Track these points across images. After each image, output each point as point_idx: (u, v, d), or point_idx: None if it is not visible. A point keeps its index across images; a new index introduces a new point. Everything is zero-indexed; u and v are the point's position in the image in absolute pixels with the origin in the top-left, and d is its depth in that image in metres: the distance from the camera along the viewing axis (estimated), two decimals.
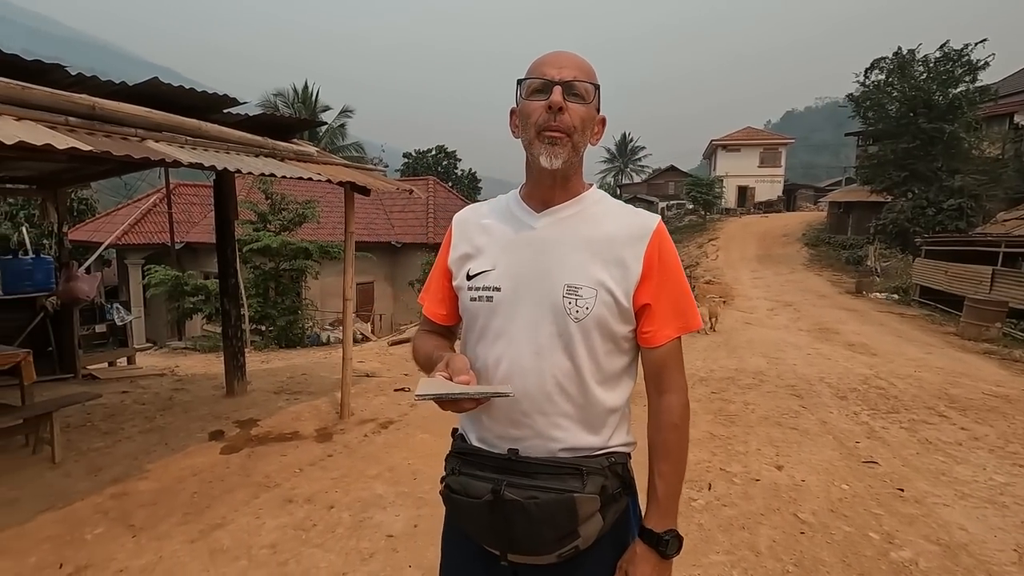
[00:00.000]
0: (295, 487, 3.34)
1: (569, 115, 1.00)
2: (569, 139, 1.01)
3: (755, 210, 35.17)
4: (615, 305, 1.02)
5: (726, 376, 6.08)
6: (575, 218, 1.08)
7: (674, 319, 1.05)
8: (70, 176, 5.69)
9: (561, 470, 1.00)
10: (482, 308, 1.07)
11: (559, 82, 1.00)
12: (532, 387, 1.02)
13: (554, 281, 1.03)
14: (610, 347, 1.04)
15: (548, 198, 1.08)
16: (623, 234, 1.05)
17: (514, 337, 1.04)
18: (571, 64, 1.02)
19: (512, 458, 1.02)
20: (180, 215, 15.39)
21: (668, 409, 1.06)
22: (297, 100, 27.36)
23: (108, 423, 4.44)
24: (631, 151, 55.72)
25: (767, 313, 11.62)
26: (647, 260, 1.03)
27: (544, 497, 0.96)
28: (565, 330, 1.01)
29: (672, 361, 1.07)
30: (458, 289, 1.14)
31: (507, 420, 1.04)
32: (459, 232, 1.18)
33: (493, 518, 0.99)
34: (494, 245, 1.10)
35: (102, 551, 2.64)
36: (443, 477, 1.11)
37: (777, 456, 3.82)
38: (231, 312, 5.21)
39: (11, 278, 5.93)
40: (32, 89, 2.44)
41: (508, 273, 1.06)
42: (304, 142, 4.65)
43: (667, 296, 1.04)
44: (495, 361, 1.05)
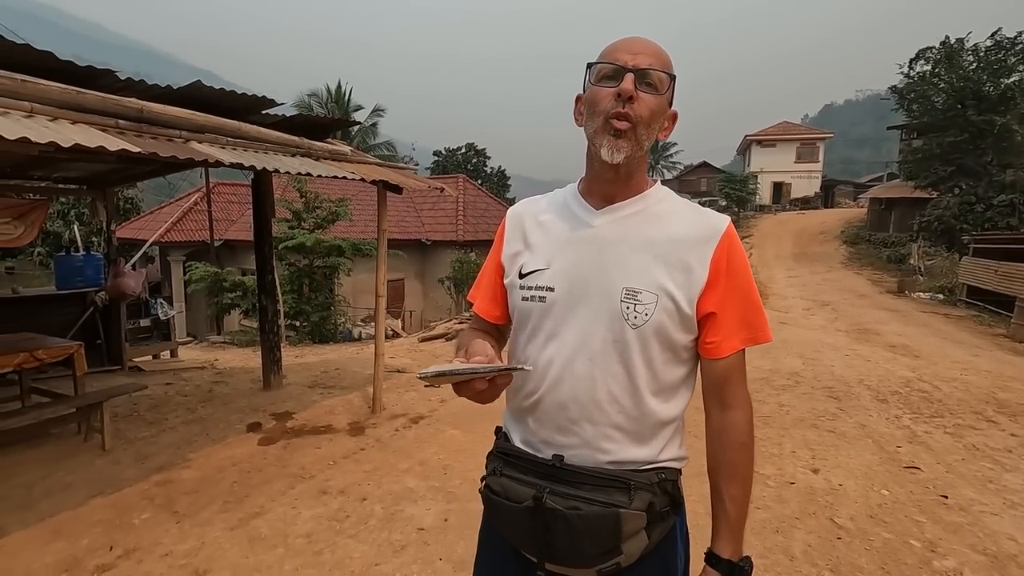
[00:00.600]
0: (329, 479, 3.42)
1: (640, 105, 0.93)
2: (634, 132, 0.94)
3: (791, 207, 34.27)
4: (677, 312, 0.96)
5: (760, 377, 5.95)
6: (637, 217, 1.01)
7: (741, 330, 0.98)
8: (118, 176, 5.93)
9: (607, 483, 0.95)
10: (534, 308, 1.03)
11: (632, 69, 0.93)
12: (582, 394, 0.98)
13: (612, 284, 0.97)
14: (669, 356, 0.98)
15: (609, 194, 1.03)
16: (689, 236, 0.98)
17: (566, 340, 0.99)
18: (647, 50, 0.95)
19: (557, 465, 0.98)
20: (219, 213, 15.87)
21: (735, 426, 1.00)
22: (330, 100, 27.85)
23: (153, 413, 4.63)
24: (662, 147, 54.89)
25: (803, 313, 11.32)
26: (714, 265, 0.97)
27: (588, 509, 0.92)
28: (621, 337, 0.96)
29: (736, 375, 1.01)
30: (509, 287, 1.09)
31: (554, 425, 1.00)
32: (512, 227, 1.13)
33: (533, 525, 0.95)
34: (549, 242, 1.05)
35: (149, 535, 2.76)
36: (483, 476, 1.08)
37: (813, 459, 3.73)
38: (268, 308, 5.36)
39: (64, 274, 6.24)
40: (85, 94, 2.55)
41: (563, 273, 1.01)
42: (338, 142, 4.75)
43: (734, 305, 0.98)
44: (545, 364, 1.01)
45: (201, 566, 2.51)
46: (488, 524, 1.13)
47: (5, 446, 3.72)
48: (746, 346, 1.00)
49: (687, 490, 1.07)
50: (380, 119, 29.31)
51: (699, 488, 1.19)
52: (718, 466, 1.02)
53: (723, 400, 1.01)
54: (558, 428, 1.00)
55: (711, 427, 1.03)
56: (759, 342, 1.01)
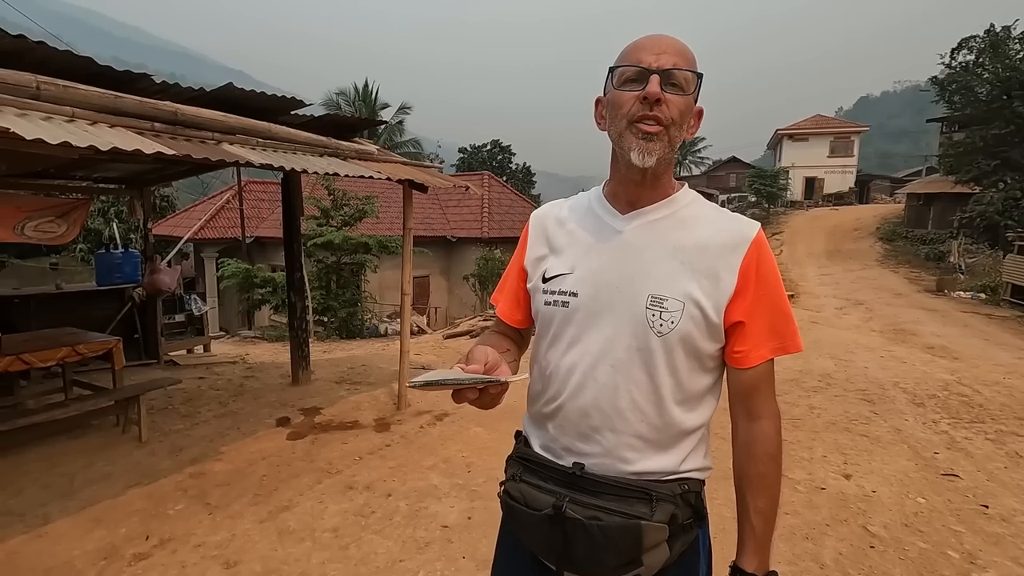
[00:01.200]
0: (355, 474, 3.47)
1: (667, 107, 0.90)
2: (666, 133, 0.92)
3: (824, 202, 33.38)
4: (704, 320, 0.93)
5: (789, 378, 5.82)
6: (665, 222, 0.99)
7: (770, 339, 0.96)
8: (154, 176, 6.11)
9: (629, 493, 0.93)
10: (557, 313, 1.01)
11: (657, 70, 0.90)
12: (605, 402, 0.96)
13: (637, 290, 0.95)
14: (694, 365, 0.96)
15: (635, 198, 1.00)
16: (717, 242, 0.96)
17: (589, 347, 0.97)
18: (671, 49, 0.92)
19: (577, 473, 0.96)
20: (250, 211, 16.22)
21: (763, 438, 0.98)
22: (358, 98, 28.20)
23: (187, 406, 4.77)
24: (691, 143, 54.06)
25: (836, 312, 11.02)
26: (743, 273, 0.94)
27: (608, 520, 0.91)
28: (646, 345, 0.94)
29: (764, 385, 0.98)
30: (532, 291, 1.08)
31: (575, 432, 0.99)
32: (536, 231, 1.12)
33: (552, 533, 0.94)
34: (574, 247, 1.04)
35: (183, 526, 2.85)
36: (503, 481, 1.06)
37: (845, 464, 3.63)
38: (296, 305, 5.46)
39: (104, 271, 6.47)
40: (123, 98, 2.63)
41: (587, 278, 0.99)
42: (365, 141, 4.80)
43: (763, 314, 0.95)
44: (567, 370, 1.00)
45: (232, 558, 2.58)
46: (507, 528, 1.13)
47: (50, 436, 3.88)
48: (776, 356, 0.97)
49: (713, 493, 1.05)
50: (406, 116, 29.57)
51: (726, 491, 1.17)
52: (745, 478, 0.99)
53: (751, 411, 0.99)
54: (579, 435, 0.99)
55: (738, 438, 1.01)
56: (789, 352, 0.98)
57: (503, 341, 1.16)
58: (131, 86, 3.06)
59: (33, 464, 3.57)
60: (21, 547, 2.66)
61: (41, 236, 6.15)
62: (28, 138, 1.88)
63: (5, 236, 6.09)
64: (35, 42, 2.56)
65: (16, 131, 1.87)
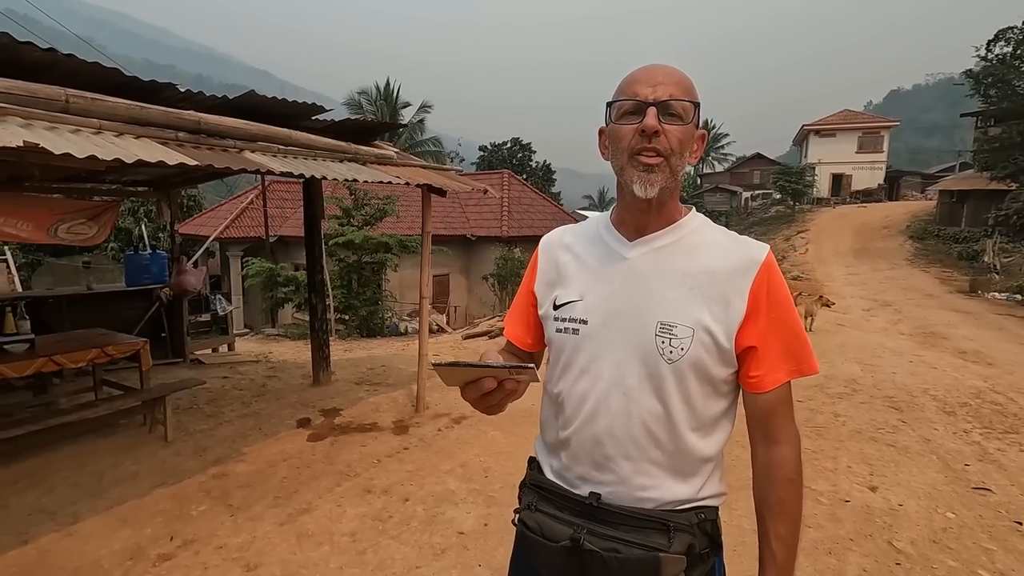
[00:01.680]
0: (373, 478, 3.51)
1: (666, 137, 0.92)
2: (667, 163, 0.93)
3: (851, 199, 32.58)
4: (714, 346, 0.93)
5: (814, 383, 5.70)
6: (672, 248, 0.99)
7: (785, 362, 0.95)
8: (180, 179, 6.24)
9: (646, 524, 0.93)
10: (567, 341, 1.02)
11: (654, 102, 0.91)
12: (618, 430, 0.96)
13: (646, 318, 0.95)
14: (707, 391, 0.96)
15: (641, 225, 1.01)
16: (726, 267, 0.95)
17: (600, 375, 0.98)
18: (667, 80, 0.93)
19: (594, 504, 0.97)
20: (274, 210, 16.49)
21: (782, 462, 0.97)
22: (379, 97, 28.40)
23: (211, 407, 4.87)
24: (713, 139, 53.31)
25: (863, 314, 10.76)
26: (753, 297, 0.93)
27: (627, 553, 0.91)
28: (656, 371, 0.94)
29: (782, 409, 0.97)
30: (544, 318, 1.09)
31: (589, 461, 0.99)
32: (546, 257, 1.13)
33: (569, 564, 0.95)
34: (583, 274, 1.05)
35: (205, 527, 2.91)
36: (518, 509, 1.07)
37: (871, 475, 3.54)
38: (317, 306, 5.53)
39: (133, 271, 6.64)
40: (149, 108, 2.69)
41: (596, 306, 1.00)
42: (385, 144, 4.83)
43: (776, 337, 0.94)
44: (579, 398, 1.00)
45: (252, 560, 2.63)
46: (520, 555, 1.12)
47: (81, 435, 4.00)
48: (791, 378, 0.96)
49: (734, 504, 1.05)
50: (427, 115, 29.69)
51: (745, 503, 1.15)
52: (765, 504, 0.98)
53: (769, 435, 0.99)
54: (594, 464, 0.99)
55: (757, 462, 1.00)
56: (805, 374, 0.97)
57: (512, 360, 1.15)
58: (156, 95, 3.13)
59: (64, 462, 3.68)
60: (52, 545, 2.75)
61: (73, 238, 6.33)
62: (57, 153, 1.93)
63: (40, 238, 6.28)
64: (65, 55, 2.63)
65: (46, 146, 1.92)
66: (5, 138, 1.84)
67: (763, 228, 27.22)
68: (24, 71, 2.59)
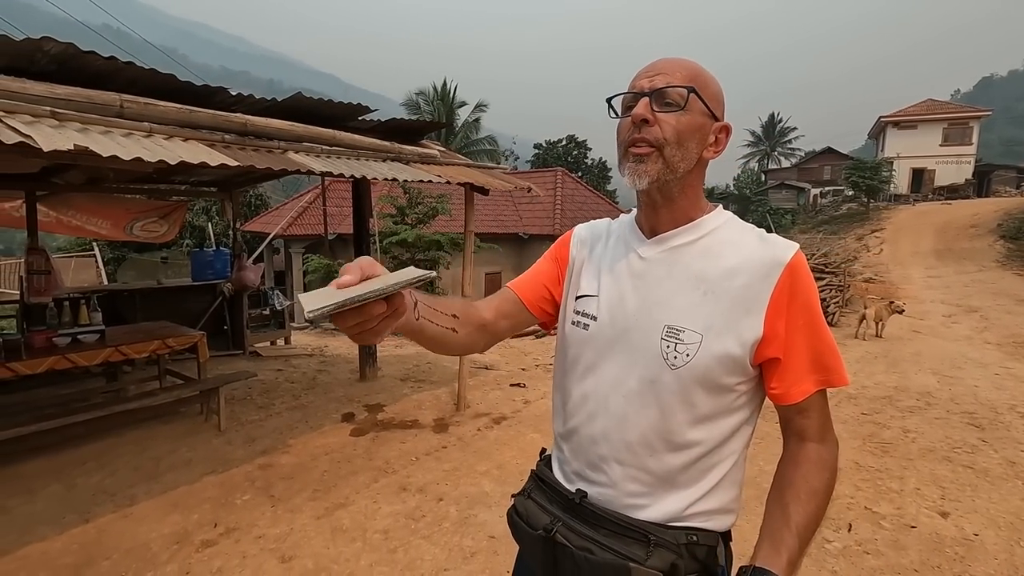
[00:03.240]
0: (410, 475, 3.53)
1: (659, 127, 0.87)
2: (659, 153, 0.87)
3: (934, 196, 30.21)
4: (725, 354, 0.86)
5: (882, 395, 5.29)
6: (688, 248, 0.94)
7: (810, 372, 0.87)
8: (241, 179, 6.54)
9: (626, 531, 0.89)
10: (576, 335, 1.00)
11: (647, 92, 0.88)
12: (613, 433, 0.93)
13: (654, 320, 0.90)
14: (716, 400, 0.89)
15: (654, 223, 0.97)
16: (746, 269, 0.88)
17: (603, 376, 0.95)
18: (667, 69, 0.89)
19: (577, 501, 0.95)
20: (333, 209, 17.06)
21: (815, 454, 0.90)
22: (436, 98, 28.87)
23: (263, 398, 5.06)
24: (779, 132, 50.89)
25: (943, 320, 9.93)
26: (774, 302, 0.86)
27: (600, 556, 0.88)
28: (658, 378, 0.89)
29: (816, 416, 0.90)
30: (563, 307, 1.07)
31: (585, 459, 0.97)
32: (578, 244, 1.10)
33: (545, 555, 0.95)
34: (602, 269, 1.02)
35: (247, 517, 3.01)
36: (515, 493, 1.08)
37: (942, 500, 3.23)
38: None
39: (198, 267, 7.03)
40: (197, 112, 2.80)
41: (607, 304, 0.97)
42: (432, 143, 4.86)
43: (802, 346, 0.87)
44: (581, 397, 0.98)
45: (288, 552, 2.69)
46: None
47: (144, 421, 4.26)
48: (820, 388, 0.89)
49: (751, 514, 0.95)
50: (483, 114, 29.91)
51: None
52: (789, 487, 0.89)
53: (803, 436, 0.92)
54: (589, 463, 0.97)
55: (788, 451, 0.93)
56: (835, 385, 0.90)
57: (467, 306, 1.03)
58: (209, 99, 3.26)
59: (128, 446, 3.92)
60: (109, 526, 2.92)
61: (147, 235, 6.79)
62: (104, 155, 2.03)
63: (117, 235, 6.78)
64: (124, 62, 2.78)
65: (95, 149, 2.03)
66: (59, 142, 1.95)
67: (833, 227, 25.70)
68: (90, 79, 2.76)
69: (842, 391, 5.39)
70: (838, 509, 3.08)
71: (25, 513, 3.04)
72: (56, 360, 3.53)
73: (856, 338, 8.30)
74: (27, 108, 2.18)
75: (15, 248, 23.88)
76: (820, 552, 2.68)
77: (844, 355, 4.27)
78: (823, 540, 2.78)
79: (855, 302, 10.95)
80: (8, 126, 1.95)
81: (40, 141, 1.92)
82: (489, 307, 1.07)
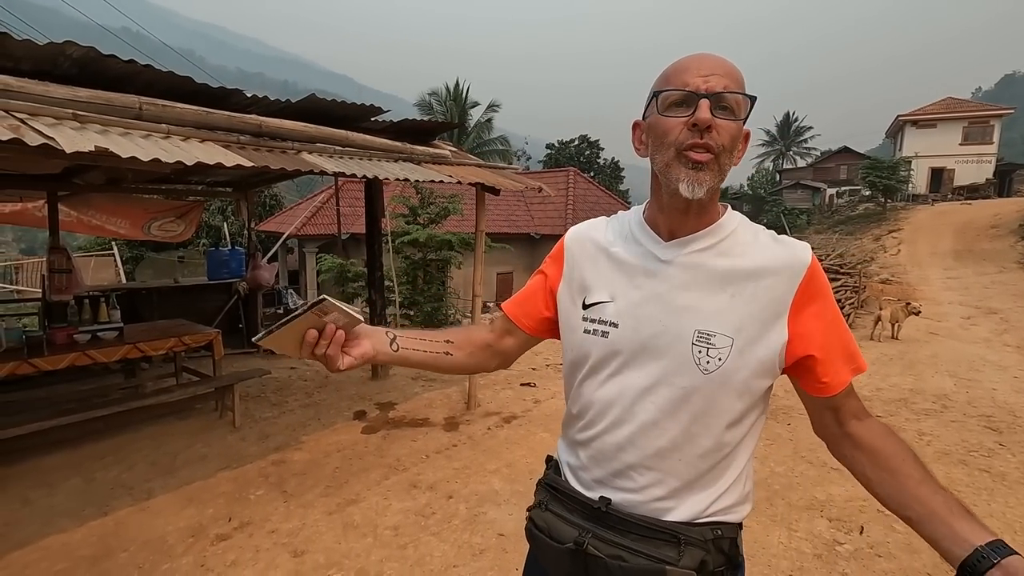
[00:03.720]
0: (420, 473, 3.56)
1: (718, 133, 0.84)
2: (716, 161, 0.85)
3: (954, 196, 29.68)
4: (754, 357, 0.87)
5: (897, 397, 5.23)
6: (711, 252, 0.92)
7: (845, 363, 0.90)
8: (256, 180, 6.63)
9: (655, 534, 0.89)
10: (596, 344, 0.96)
11: (707, 94, 0.83)
12: (642, 440, 0.92)
13: (683, 325, 0.89)
14: (744, 403, 0.90)
15: (677, 227, 0.94)
16: (770, 270, 0.89)
17: (630, 382, 0.93)
18: (720, 70, 0.85)
19: (603, 509, 0.93)
20: (347, 209, 17.18)
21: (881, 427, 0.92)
22: (449, 98, 28.96)
23: (277, 396, 5.13)
24: (795, 132, 50.31)
25: (961, 322, 9.77)
26: (797, 303, 0.87)
27: (633, 562, 0.87)
28: (691, 383, 0.88)
29: (853, 399, 0.93)
30: (566, 316, 1.03)
31: (608, 466, 0.95)
32: (574, 252, 1.05)
33: (574, 567, 0.93)
34: (614, 274, 0.98)
35: (261, 511, 3.06)
36: (530, 507, 1.05)
37: None
38: (376, 302, 5.70)
39: (214, 266, 7.14)
40: (214, 113, 2.85)
41: (628, 310, 0.94)
42: (444, 143, 4.89)
43: (835, 341, 0.89)
44: (605, 404, 0.95)
45: (300, 547, 2.73)
46: (534, 557, 1.10)
47: (161, 417, 4.34)
48: (853, 375, 0.92)
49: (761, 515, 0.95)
50: (495, 114, 29.95)
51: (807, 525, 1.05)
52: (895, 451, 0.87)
53: (857, 415, 0.94)
54: (613, 471, 0.95)
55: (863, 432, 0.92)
56: (862, 371, 0.92)
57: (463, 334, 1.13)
58: (225, 101, 3.31)
59: (145, 441, 4.00)
60: (127, 518, 2.99)
61: (164, 235, 6.90)
62: (124, 156, 2.08)
63: (135, 234, 6.90)
64: (143, 65, 2.83)
65: (115, 151, 2.08)
66: (80, 143, 2.00)
67: (849, 227, 25.35)
68: (110, 82, 2.82)
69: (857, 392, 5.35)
70: (848, 511, 3.06)
71: (46, 505, 3.12)
72: (76, 356, 3.61)
73: (872, 340, 8.19)
74: (50, 111, 2.24)
75: (37, 248, 24.41)
76: (830, 554, 2.66)
77: None
78: (834, 542, 2.76)
79: (871, 303, 10.81)
80: (32, 128, 2.01)
81: (62, 143, 1.97)
82: (493, 328, 1.14)
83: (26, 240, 35.59)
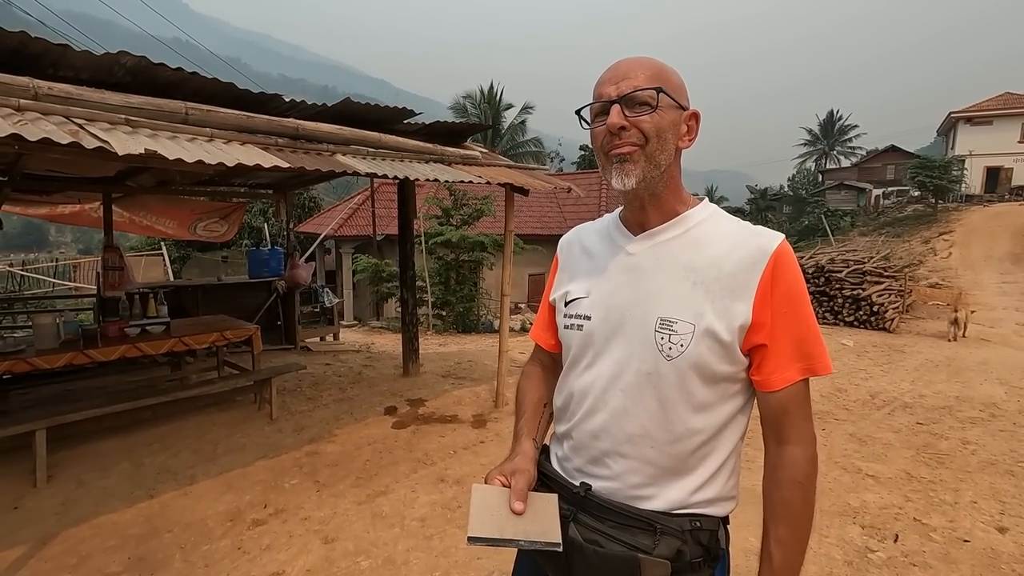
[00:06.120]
0: (448, 467, 3.63)
1: (637, 129, 0.90)
2: (642, 151, 0.91)
3: (1011, 197, 28.15)
4: (717, 343, 0.89)
5: (941, 404, 5.02)
6: (675, 242, 0.97)
7: (795, 360, 0.89)
8: (295, 181, 6.87)
9: (632, 522, 0.91)
10: (573, 337, 1.03)
11: (618, 99, 0.90)
12: (614, 427, 0.95)
13: (647, 313, 0.93)
14: (712, 389, 0.92)
15: (642, 220, 1.00)
16: (733, 259, 0.91)
17: (601, 371, 0.97)
18: (630, 72, 0.92)
19: (582, 494, 0.97)
20: (382, 210, 17.54)
21: (790, 463, 0.92)
22: (483, 100, 29.21)
23: (312, 390, 5.30)
24: (839, 131, 48.63)
25: (1016, 328, 9.29)
26: (761, 290, 0.89)
27: (608, 548, 0.90)
28: (655, 369, 0.91)
29: (794, 408, 0.91)
30: (557, 314, 1.11)
31: (586, 455, 1.00)
32: (563, 256, 1.16)
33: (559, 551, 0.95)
34: (591, 270, 1.05)
35: (294, 499, 3.18)
36: None
37: (1001, 515, 3.05)
38: (408, 301, 5.82)
39: (255, 265, 7.41)
40: (254, 117, 3.00)
41: (600, 302, 1.00)
42: (474, 145, 4.97)
43: (786, 333, 0.89)
44: (581, 393, 1.00)
45: (331, 534, 2.83)
46: None
47: (204, 407, 4.56)
48: (803, 377, 0.91)
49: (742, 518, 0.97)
50: (529, 116, 30.01)
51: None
52: (768, 504, 0.94)
53: (780, 435, 0.94)
54: (590, 459, 0.99)
55: (767, 462, 0.96)
56: (817, 373, 0.91)
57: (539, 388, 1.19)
58: (266, 106, 3.46)
59: (189, 430, 4.20)
60: (171, 501, 3.15)
61: (208, 235, 7.22)
62: (171, 158, 2.22)
63: (182, 234, 7.24)
64: (190, 73, 3.00)
65: (163, 153, 2.22)
66: (131, 146, 2.15)
67: (896, 229, 24.36)
68: (159, 88, 3.00)
69: (897, 398, 5.16)
70: (883, 518, 2.97)
71: (99, 487, 3.32)
72: (127, 348, 3.83)
73: (949, 341, 8.00)
74: (105, 116, 2.41)
75: (93, 248, 25.81)
76: (862, 561, 2.59)
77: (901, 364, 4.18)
78: (866, 549, 2.69)
79: (917, 307, 10.39)
80: (89, 132, 2.16)
81: (116, 146, 2.12)
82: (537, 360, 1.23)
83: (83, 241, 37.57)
